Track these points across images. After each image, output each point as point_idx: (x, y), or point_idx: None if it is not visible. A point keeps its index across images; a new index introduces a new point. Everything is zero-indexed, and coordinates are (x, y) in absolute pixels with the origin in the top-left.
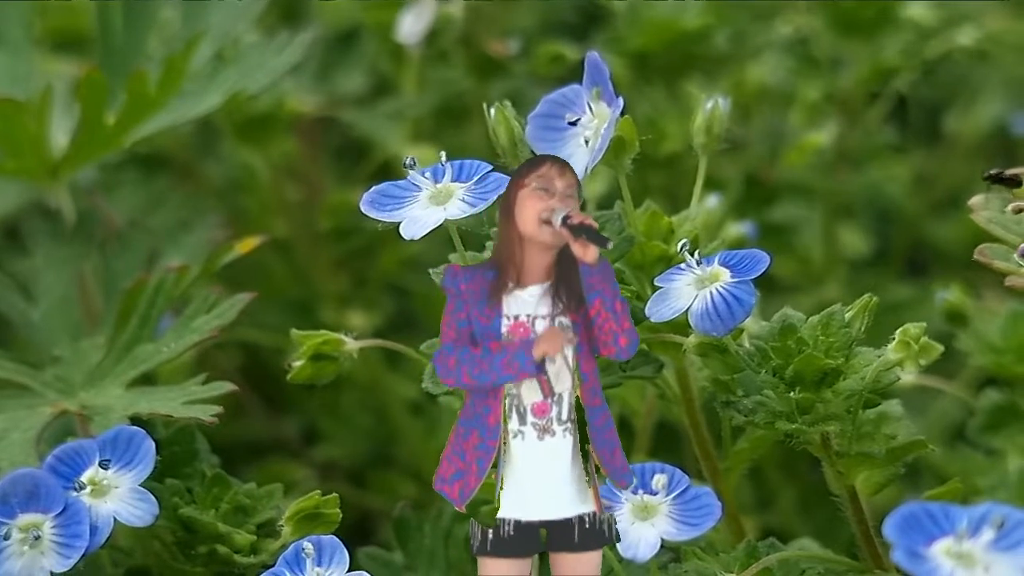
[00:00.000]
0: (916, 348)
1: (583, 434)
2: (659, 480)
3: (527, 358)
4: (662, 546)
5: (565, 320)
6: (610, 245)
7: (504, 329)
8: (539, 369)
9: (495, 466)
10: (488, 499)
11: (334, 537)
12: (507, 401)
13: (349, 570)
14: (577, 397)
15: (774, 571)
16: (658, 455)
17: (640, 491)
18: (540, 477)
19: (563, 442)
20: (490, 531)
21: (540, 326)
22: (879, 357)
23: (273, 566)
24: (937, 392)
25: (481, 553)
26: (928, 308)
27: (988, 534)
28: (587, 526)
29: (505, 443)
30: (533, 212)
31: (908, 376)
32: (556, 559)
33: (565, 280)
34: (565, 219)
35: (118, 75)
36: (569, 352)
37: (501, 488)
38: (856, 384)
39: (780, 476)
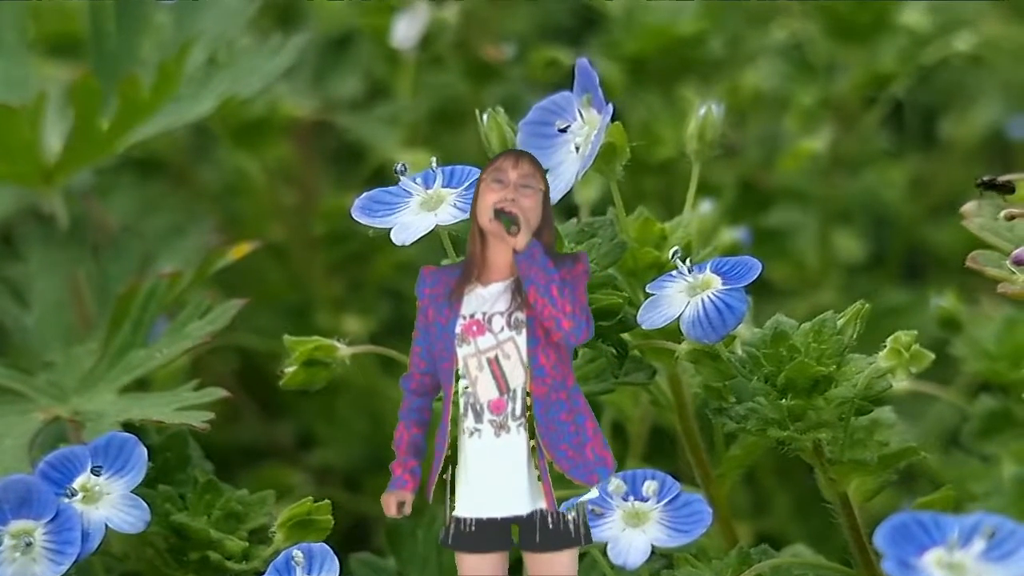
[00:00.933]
0: (907, 356)
1: (531, 430)
2: (650, 487)
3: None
4: (653, 553)
5: (521, 315)
6: (515, 229)
7: (458, 329)
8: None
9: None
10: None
11: (324, 545)
12: (463, 399)
13: None
14: (528, 392)
15: None
16: (652, 461)
17: (631, 498)
18: (497, 474)
19: (518, 438)
20: (452, 525)
21: (496, 323)
22: (871, 364)
23: (265, 573)
24: (932, 398)
25: (444, 545)
26: (924, 313)
27: (979, 544)
28: (550, 526)
29: (458, 442)
30: (487, 205)
31: (903, 382)
32: (528, 559)
33: None
34: (495, 209)
35: (112, 80)
36: (522, 347)
37: (454, 488)
38: (848, 391)
39: (775, 481)
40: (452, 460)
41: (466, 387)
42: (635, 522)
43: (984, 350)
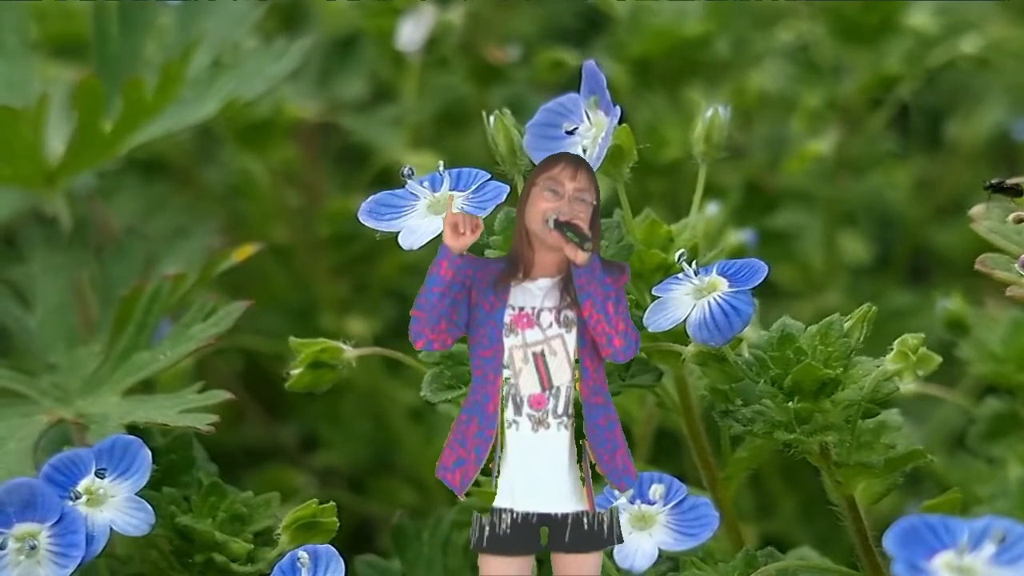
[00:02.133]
0: (914, 359)
1: (580, 431)
2: (657, 490)
3: (443, 248)
4: (660, 556)
5: (571, 314)
6: (588, 245)
7: (508, 318)
8: (448, 253)
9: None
10: (487, 506)
11: (330, 546)
12: (505, 390)
13: None
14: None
15: None
16: (658, 463)
17: (638, 501)
18: (532, 469)
19: (557, 436)
20: (487, 527)
21: (545, 319)
22: (878, 367)
23: (270, 575)
24: (938, 400)
25: (478, 548)
26: (930, 315)
27: (989, 548)
28: (584, 527)
29: (501, 432)
30: (539, 212)
31: (909, 384)
32: (556, 559)
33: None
34: (556, 220)
35: (115, 82)
36: (571, 345)
37: (497, 477)
38: (855, 394)
39: (781, 484)
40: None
41: (508, 378)
42: (642, 525)
43: (990, 352)
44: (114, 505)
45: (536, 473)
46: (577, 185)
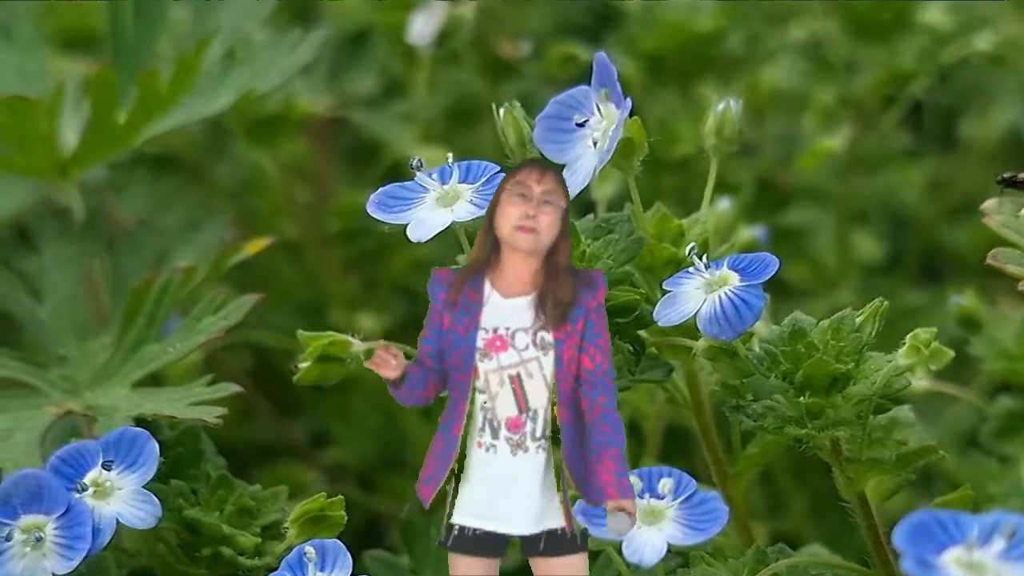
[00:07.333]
0: (926, 353)
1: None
2: (666, 484)
3: (394, 390)
4: (669, 551)
5: (548, 336)
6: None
7: (480, 343)
8: (395, 386)
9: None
10: None
11: (337, 541)
12: (480, 414)
13: (355, 573)
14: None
15: None
16: (668, 460)
17: (646, 495)
18: (508, 492)
19: (536, 458)
20: (456, 531)
21: (520, 340)
22: (890, 362)
23: (278, 569)
24: (951, 398)
25: (443, 547)
26: (942, 314)
27: (999, 543)
28: (557, 535)
29: (469, 455)
30: (508, 217)
31: (921, 382)
32: (538, 563)
33: (552, 291)
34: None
35: (129, 74)
36: (548, 368)
37: (455, 495)
38: (866, 389)
39: (791, 482)
40: (456, 472)
41: (485, 402)
42: (651, 520)
43: (1003, 350)
44: (121, 498)
45: (511, 496)
46: (544, 187)
